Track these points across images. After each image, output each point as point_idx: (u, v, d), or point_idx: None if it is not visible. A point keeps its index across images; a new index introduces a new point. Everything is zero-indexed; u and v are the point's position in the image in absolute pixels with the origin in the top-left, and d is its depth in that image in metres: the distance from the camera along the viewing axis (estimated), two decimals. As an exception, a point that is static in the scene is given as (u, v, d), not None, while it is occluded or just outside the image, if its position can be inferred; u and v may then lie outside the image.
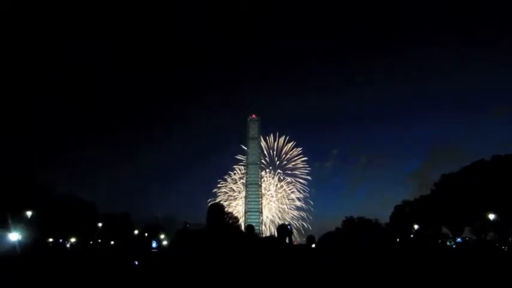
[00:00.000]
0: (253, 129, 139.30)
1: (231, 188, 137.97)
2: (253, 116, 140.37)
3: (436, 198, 59.19)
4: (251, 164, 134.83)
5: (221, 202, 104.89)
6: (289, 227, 5.86)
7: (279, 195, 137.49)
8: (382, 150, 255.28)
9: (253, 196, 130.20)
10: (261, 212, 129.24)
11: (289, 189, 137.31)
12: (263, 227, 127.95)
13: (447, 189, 56.32)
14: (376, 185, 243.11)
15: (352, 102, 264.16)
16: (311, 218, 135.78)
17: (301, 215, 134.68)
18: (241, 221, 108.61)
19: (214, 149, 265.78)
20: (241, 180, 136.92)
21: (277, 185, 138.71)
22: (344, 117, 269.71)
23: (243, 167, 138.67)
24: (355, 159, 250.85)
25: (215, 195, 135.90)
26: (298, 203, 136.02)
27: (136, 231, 75.16)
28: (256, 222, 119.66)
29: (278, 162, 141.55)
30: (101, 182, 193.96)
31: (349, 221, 77.54)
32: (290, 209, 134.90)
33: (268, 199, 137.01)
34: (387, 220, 77.55)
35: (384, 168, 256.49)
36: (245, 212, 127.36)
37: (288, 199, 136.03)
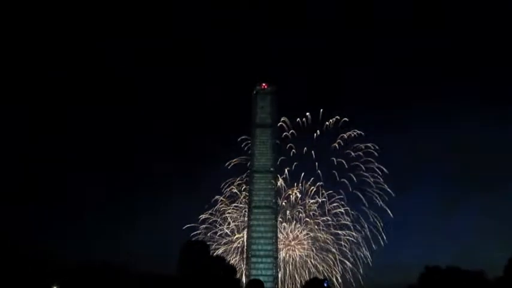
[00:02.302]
0: (263, 109, 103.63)
1: (225, 215, 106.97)
2: (264, 85, 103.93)
3: None
4: (259, 173, 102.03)
5: (205, 240, 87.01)
6: (325, 283, 8.12)
7: (317, 232, 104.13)
8: (492, 155, 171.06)
9: (262, 229, 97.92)
10: (277, 258, 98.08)
11: (339, 220, 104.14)
12: (280, 282, 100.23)
13: None
14: (484, 216, 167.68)
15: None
16: (370, 265, 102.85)
17: (354, 268, 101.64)
18: (242, 272, 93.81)
19: (200, 148, 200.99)
20: (244, 202, 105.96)
21: (314, 212, 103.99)
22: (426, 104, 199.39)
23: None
24: (447, 170, 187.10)
25: (196, 230, 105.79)
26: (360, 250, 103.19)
27: (54, 288, 64.34)
28: (267, 275, 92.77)
29: (319, 170, 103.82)
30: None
31: (431, 273, 66.94)
32: (334, 253, 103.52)
33: (293, 236, 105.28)
34: (500, 273, 68.01)
35: (499, 187, 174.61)
36: (247, 258, 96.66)
37: (332, 235, 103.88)
